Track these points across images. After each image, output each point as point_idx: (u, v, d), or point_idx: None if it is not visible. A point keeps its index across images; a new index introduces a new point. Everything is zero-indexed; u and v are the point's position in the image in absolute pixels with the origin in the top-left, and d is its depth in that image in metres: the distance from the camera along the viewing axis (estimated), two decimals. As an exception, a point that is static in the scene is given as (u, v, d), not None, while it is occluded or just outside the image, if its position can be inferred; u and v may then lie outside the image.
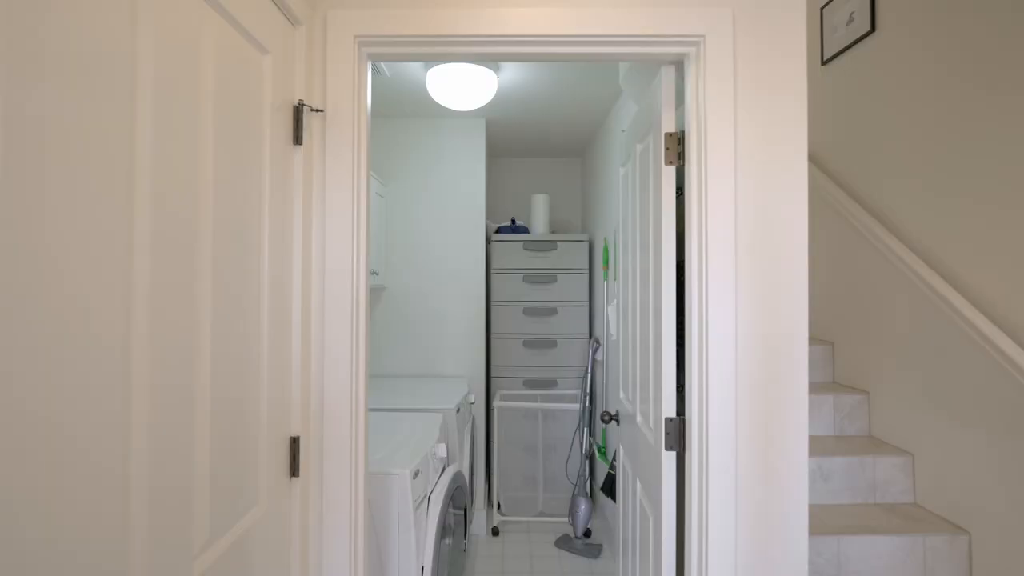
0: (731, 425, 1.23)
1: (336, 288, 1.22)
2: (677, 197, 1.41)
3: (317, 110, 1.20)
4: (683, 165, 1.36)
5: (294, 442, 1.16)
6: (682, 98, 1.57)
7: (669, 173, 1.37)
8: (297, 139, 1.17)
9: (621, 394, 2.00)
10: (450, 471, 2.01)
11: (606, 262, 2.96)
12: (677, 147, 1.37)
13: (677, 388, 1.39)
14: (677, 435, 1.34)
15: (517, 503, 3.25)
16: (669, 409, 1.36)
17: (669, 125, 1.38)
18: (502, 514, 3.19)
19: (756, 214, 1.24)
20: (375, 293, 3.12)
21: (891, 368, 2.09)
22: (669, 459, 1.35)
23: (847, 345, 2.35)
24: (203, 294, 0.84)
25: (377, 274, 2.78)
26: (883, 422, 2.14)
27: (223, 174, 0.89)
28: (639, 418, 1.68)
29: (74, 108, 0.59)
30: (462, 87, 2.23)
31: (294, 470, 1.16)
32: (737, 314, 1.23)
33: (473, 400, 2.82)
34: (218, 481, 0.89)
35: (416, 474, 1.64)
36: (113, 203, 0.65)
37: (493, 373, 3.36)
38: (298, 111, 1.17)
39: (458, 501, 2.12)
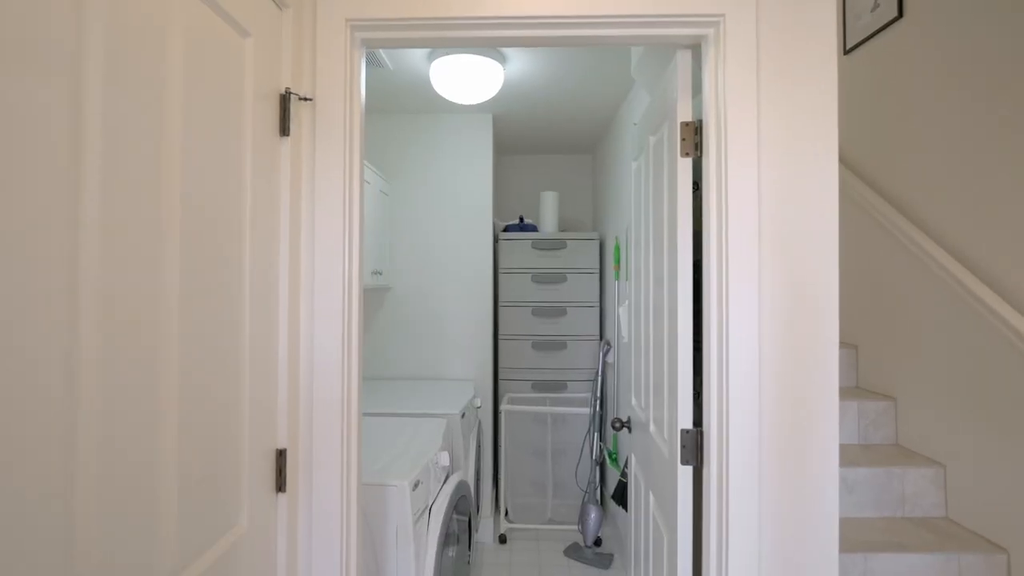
0: (754, 438, 1.13)
1: (326, 289, 1.14)
2: (694, 192, 1.31)
3: (305, 99, 1.12)
4: (700, 157, 1.27)
5: (280, 455, 1.08)
6: (699, 87, 1.47)
7: (685, 165, 1.27)
8: (284, 130, 1.09)
9: (633, 400, 1.90)
10: (453, 480, 1.92)
11: (617, 261, 2.86)
12: (694, 137, 1.27)
13: (694, 395, 1.29)
14: (694, 448, 1.24)
15: (525, 510, 3.16)
16: (685, 419, 1.27)
17: (685, 114, 1.28)
18: (510, 521, 3.11)
19: (781, 209, 1.13)
20: (379, 294, 3.04)
21: (920, 373, 1.97)
22: (685, 474, 1.25)
23: (872, 348, 2.23)
24: (168, 295, 0.76)
25: (380, 274, 2.71)
26: (911, 430, 2.02)
27: (194, 167, 0.81)
28: (652, 427, 1.58)
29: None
30: (467, 80, 2.14)
31: (280, 485, 1.08)
32: (760, 317, 1.13)
33: (479, 404, 2.73)
34: (191, 499, 0.81)
35: (416, 485, 1.56)
36: (52, 194, 0.57)
37: (501, 375, 3.27)
38: (285, 100, 1.09)
39: (462, 511, 2.04)
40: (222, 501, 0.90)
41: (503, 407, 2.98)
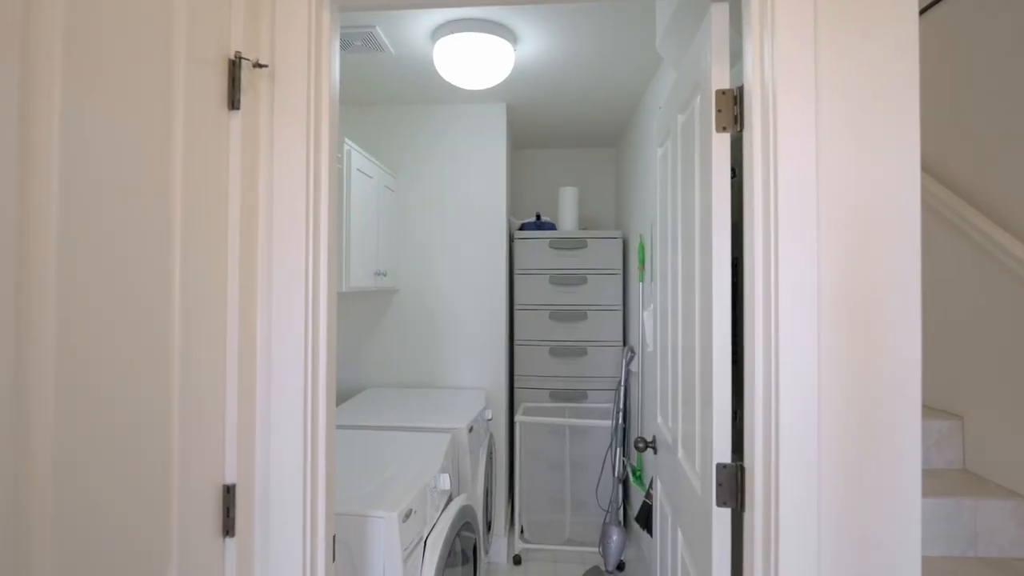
0: (811, 477, 0.90)
1: (286, 297, 0.96)
2: (731, 179, 1.10)
3: (260, 65, 0.94)
4: (740, 132, 1.04)
5: (228, 492, 0.90)
6: (736, 56, 1.25)
7: (722, 142, 1.05)
8: (233, 102, 0.90)
9: (659, 418, 1.68)
10: (455, 504, 1.73)
11: (642, 261, 2.63)
12: (732, 108, 1.05)
13: (731, 416, 1.07)
14: (733, 487, 1.02)
15: (542, 528, 2.95)
16: (722, 450, 1.04)
17: (722, 80, 1.06)
18: (525, 540, 2.89)
19: (845, 195, 0.90)
20: (384, 296, 2.87)
21: (993, 387, 1.70)
22: (722, 518, 1.03)
23: (933, 359, 1.95)
24: (41, 311, 0.58)
25: (385, 275, 2.53)
26: (982, 454, 1.75)
27: (84, 150, 0.63)
28: (681, 452, 1.36)
29: None
30: (473, 61, 1.95)
31: (228, 528, 0.90)
32: (820, 326, 0.90)
33: (490, 417, 2.53)
34: (78, 555, 0.63)
35: (407, 515, 1.37)
36: None
37: (516, 383, 3.07)
38: (234, 66, 0.90)
39: (466, 538, 1.84)
40: (144, 553, 0.72)
41: (518, 418, 2.77)
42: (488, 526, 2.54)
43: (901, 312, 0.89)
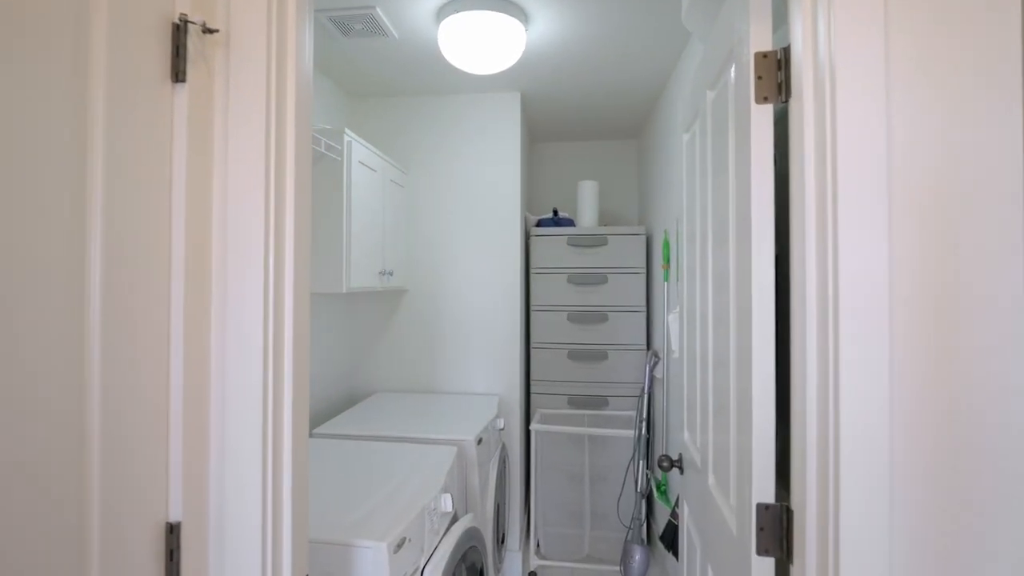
0: (881, 525, 0.72)
1: (242, 301, 0.82)
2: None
3: (210, 30, 0.80)
4: (786, 103, 0.87)
5: (172, 531, 0.77)
6: (779, 20, 1.07)
7: (763, 115, 0.88)
8: (177, 75, 0.77)
9: (686, 435, 1.50)
10: (459, 527, 1.57)
11: (667, 259, 2.44)
12: (776, 75, 0.87)
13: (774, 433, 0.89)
14: (778, 532, 0.84)
15: (559, 542, 2.78)
16: (763, 488, 0.87)
17: (762, 41, 0.89)
18: (541, 556, 2.73)
19: (927, 173, 0.72)
20: (392, 297, 2.74)
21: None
22: (763, 569, 0.85)
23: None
24: None
25: (391, 275, 2.40)
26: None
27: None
28: (711, 479, 1.18)
29: None
30: (481, 42, 1.80)
31: (171, 574, 0.76)
32: (892, 340, 0.72)
33: (502, 426, 2.38)
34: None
35: (400, 545, 1.22)
36: None
37: (533, 389, 2.91)
38: (179, 32, 0.77)
39: (473, 554, 1.69)
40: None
41: (534, 426, 2.61)
42: (501, 539, 2.39)
43: (1002, 327, 0.70)
